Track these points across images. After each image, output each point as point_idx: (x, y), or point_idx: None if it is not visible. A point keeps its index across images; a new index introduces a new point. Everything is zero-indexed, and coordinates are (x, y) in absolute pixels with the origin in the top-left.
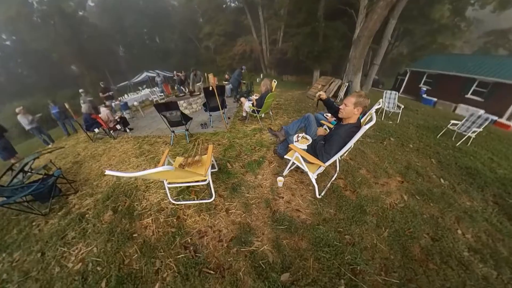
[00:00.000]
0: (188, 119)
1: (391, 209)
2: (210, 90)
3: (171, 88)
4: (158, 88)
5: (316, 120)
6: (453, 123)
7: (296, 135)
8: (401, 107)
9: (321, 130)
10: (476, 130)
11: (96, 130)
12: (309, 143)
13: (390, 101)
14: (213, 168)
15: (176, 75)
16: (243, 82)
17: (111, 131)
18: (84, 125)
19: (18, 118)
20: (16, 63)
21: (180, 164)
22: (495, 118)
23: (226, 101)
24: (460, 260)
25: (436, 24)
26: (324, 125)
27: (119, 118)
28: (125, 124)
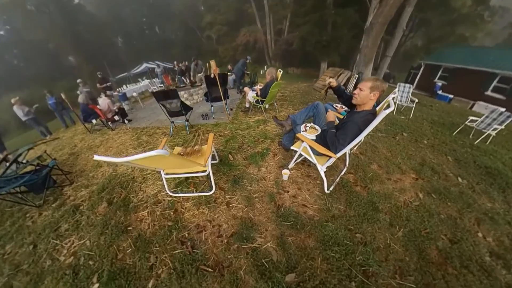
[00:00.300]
0: (188, 109)
1: (405, 207)
2: (212, 78)
3: (171, 80)
4: (158, 79)
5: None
6: (471, 119)
7: (304, 124)
8: (415, 101)
9: (331, 114)
10: (497, 128)
11: (94, 121)
12: (318, 134)
13: (404, 94)
14: (213, 160)
15: (176, 66)
16: (247, 73)
17: (109, 123)
18: (81, 116)
19: (14, 109)
20: (12, 54)
21: (178, 153)
22: None
23: (228, 91)
24: (482, 265)
25: (457, 13)
26: (335, 108)
27: (118, 109)
28: (124, 115)
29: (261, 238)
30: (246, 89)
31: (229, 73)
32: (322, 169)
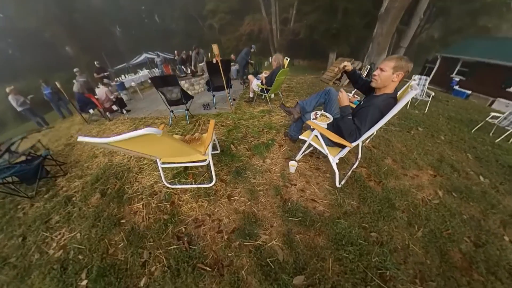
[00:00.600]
0: (189, 97)
1: (424, 205)
2: (214, 64)
3: (171, 70)
4: (158, 69)
5: None
6: (493, 115)
7: (314, 112)
8: (431, 95)
9: (345, 97)
10: None
11: (91, 111)
12: (330, 122)
13: (419, 87)
14: (214, 150)
15: (177, 56)
16: (251, 62)
17: (106, 113)
18: (77, 106)
19: (9, 99)
20: (6, 43)
21: None
22: None
23: (231, 77)
24: (511, 272)
25: (479, 2)
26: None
27: (115, 98)
28: (122, 105)
29: (265, 235)
30: (250, 77)
31: (232, 63)
32: (334, 160)
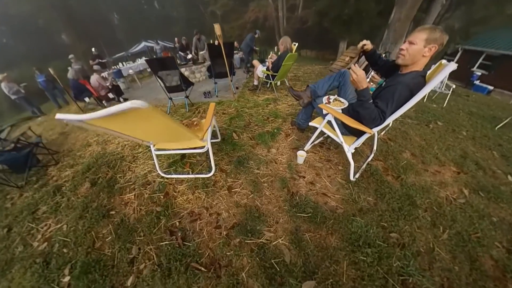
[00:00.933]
0: (188, 83)
1: (448, 204)
2: (216, 46)
3: None
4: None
5: None
6: None
7: (327, 97)
8: (452, 87)
9: (363, 78)
10: None
11: (87, 100)
12: (345, 107)
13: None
14: (215, 138)
15: (177, 42)
16: (256, 49)
17: (102, 101)
18: (72, 93)
19: (2, 87)
20: (0, 31)
21: None
22: None
23: (235, 66)
24: None
25: None
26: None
27: (111, 86)
28: (119, 93)
29: (270, 233)
30: (255, 62)
31: (235, 52)
32: (349, 150)
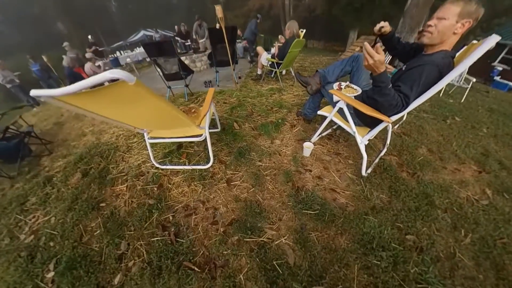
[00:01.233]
0: (188, 71)
1: (470, 205)
2: (218, 30)
3: None
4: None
5: None
6: None
7: (338, 83)
8: (471, 81)
9: (380, 60)
10: None
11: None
12: (358, 95)
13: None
14: (214, 128)
15: (177, 30)
16: (260, 35)
17: None
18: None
19: None
20: None
21: None
22: None
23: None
24: None
25: None
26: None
27: None
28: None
29: (272, 231)
30: (259, 48)
31: (238, 40)
32: (362, 142)
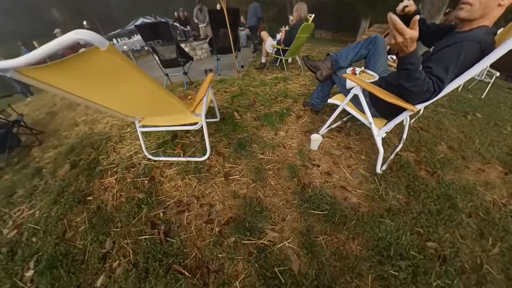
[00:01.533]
0: (187, 58)
1: (497, 210)
2: (219, 12)
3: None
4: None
5: None
6: None
7: (351, 69)
8: (496, 74)
9: (413, 39)
10: None
11: None
12: (375, 81)
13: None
14: (213, 118)
15: (176, 16)
16: (264, 24)
17: None
18: None
19: None
20: None
21: None
22: None
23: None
24: None
25: None
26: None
27: None
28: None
29: (274, 232)
30: (263, 34)
31: (241, 28)
32: (379, 134)
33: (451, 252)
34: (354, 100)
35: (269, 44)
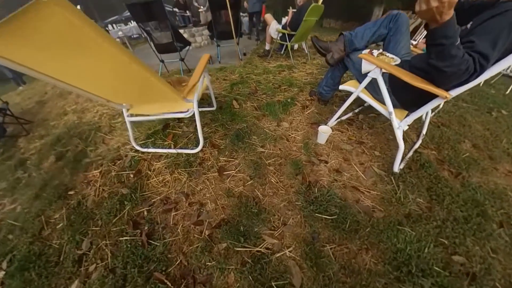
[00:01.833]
0: (184, 42)
1: None
2: None
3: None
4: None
5: None
6: None
7: (368, 50)
8: None
9: (451, 3)
10: None
11: None
12: (396, 65)
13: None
14: (210, 106)
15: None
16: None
17: None
18: None
19: None
20: None
21: None
22: None
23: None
24: None
25: None
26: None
27: None
28: None
29: (273, 239)
30: (267, 17)
31: (244, 14)
32: (400, 127)
33: (481, 269)
34: (370, 87)
35: (274, 28)
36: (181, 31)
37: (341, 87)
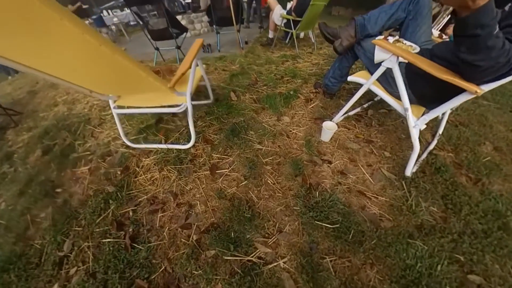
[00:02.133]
0: (180, 28)
1: None
2: None
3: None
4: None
5: None
6: None
7: (382, 37)
8: None
9: None
10: None
11: None
12: (417, 52)
13: None
14: (206, 99)
15: None
16: None
17: None
18: None
19: None
20: None
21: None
22: None
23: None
24: None
25: None
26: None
27: None
28: None
29: (266, 247)
30: (271, 1)
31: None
32: (416, 125)
33: None
34: (382, 79)
35: (278, 13)
36: (179, 17)
37: (349, 78)
